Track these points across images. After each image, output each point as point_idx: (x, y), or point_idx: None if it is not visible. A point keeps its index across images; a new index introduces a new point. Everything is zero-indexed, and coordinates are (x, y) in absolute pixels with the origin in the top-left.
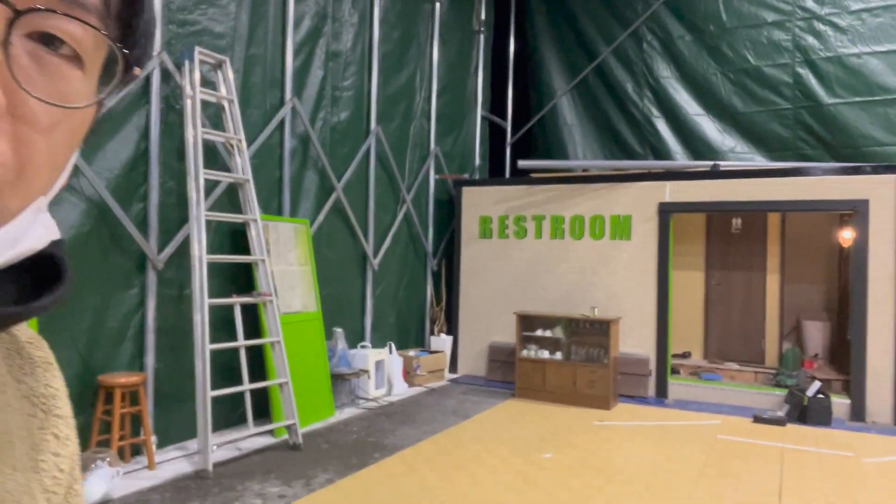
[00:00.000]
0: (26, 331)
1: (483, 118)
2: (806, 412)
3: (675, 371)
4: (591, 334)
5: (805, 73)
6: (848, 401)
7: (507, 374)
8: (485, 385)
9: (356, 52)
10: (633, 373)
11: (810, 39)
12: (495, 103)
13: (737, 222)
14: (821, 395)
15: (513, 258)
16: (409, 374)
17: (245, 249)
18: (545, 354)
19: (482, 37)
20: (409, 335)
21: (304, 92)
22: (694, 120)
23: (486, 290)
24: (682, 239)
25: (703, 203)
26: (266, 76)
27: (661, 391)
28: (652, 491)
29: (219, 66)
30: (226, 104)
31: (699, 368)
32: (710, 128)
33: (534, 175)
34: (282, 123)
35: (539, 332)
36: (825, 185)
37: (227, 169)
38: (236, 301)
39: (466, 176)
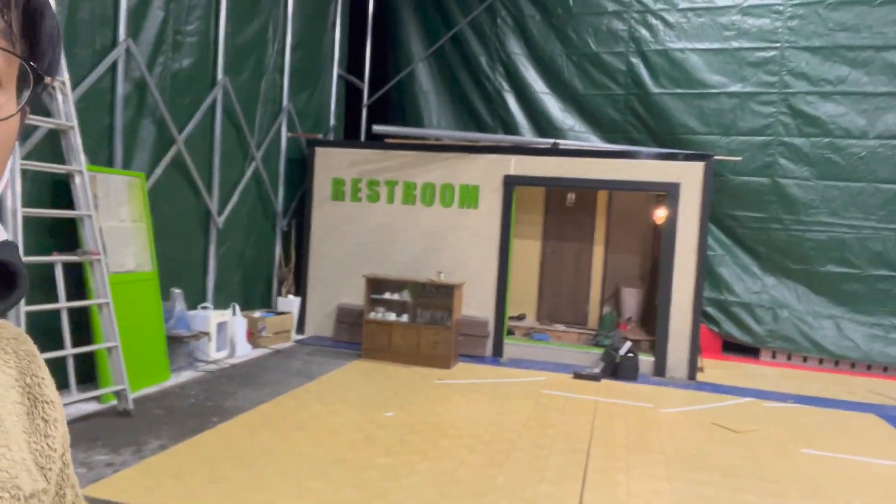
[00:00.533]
0: (11, 328)
1: (339, 77)
2: (618, 369)
3: (510, 332)
4: (436, 298)
5: (637, 62)
6: (653, 358)
7: (354, 336)
8: (332, 346)
9: None
10: (473, 334)
11: (643, 32)
12: (353, 63)
13: (571, 197)
14: (630, 354)
15: (365, 221)
16: (253, 336)
17: (69, 203)
18: (392, 317)
19: None
20: (255, 296)
21: (142, 34)
22: (540, 97)
23: (336, 253)
24: (524, 210)
25: (543, 178)
26: (95, 12)
27: (498, 351)
28: (482, 442)
29: None
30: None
31: (531, 329)
32: (553, 106)
33: (389, 140)
34: (114, 66)
35: (387, 295)
36: (646, 168)
37: (47, 113)
38: (57, 259)
39: (320, 136)
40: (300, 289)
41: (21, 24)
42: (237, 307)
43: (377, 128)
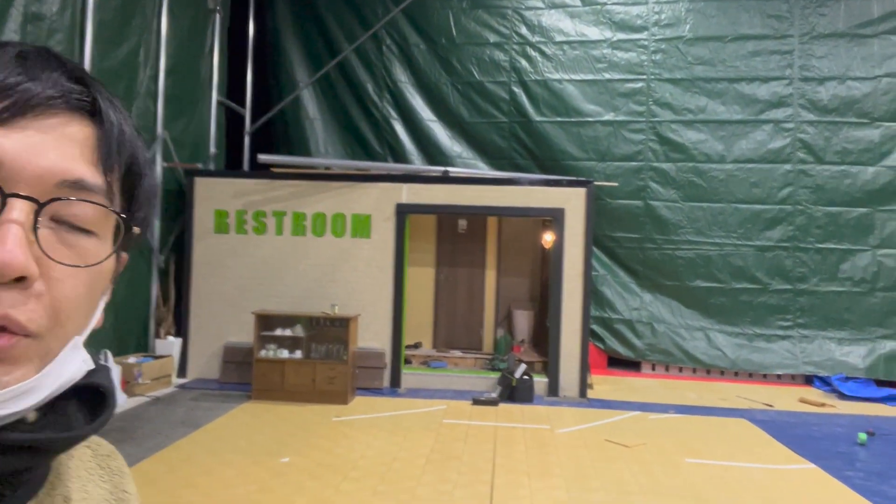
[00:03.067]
0: (105, 446)
1: (219, 104)
2: (514, 392)
3: (407, 361)
4: (331, 331)
5: (519, 91)
6: (546, 379)
7: (243, 376)
8: (218, 388)
9: (64, 17)
10: (370, 366)
11: (524, 62)
12: (235, 90)
13: (462, 223)
14: (526, 377)
15: (252, 255)
16: (129, 384)
17: None
18: (285, 354)
19: (218, 16)
20: (130, 340)
21: None
22: (428, 125)
23: (221, 288)
24: (416, 237)
25: (435, 205)
26: None
27: (395, 381)
28: (386, 482)
29: None
30: None
31: (428, 357)
32: (441, 134)
33: (275, 170)
34: None
35: (278, 332)
36: (532, 194)
37: None
38: None
39: (199, 165)
40: (181, 329)
41: (121, 183)
42: (109, 354)
43: (262, 157)
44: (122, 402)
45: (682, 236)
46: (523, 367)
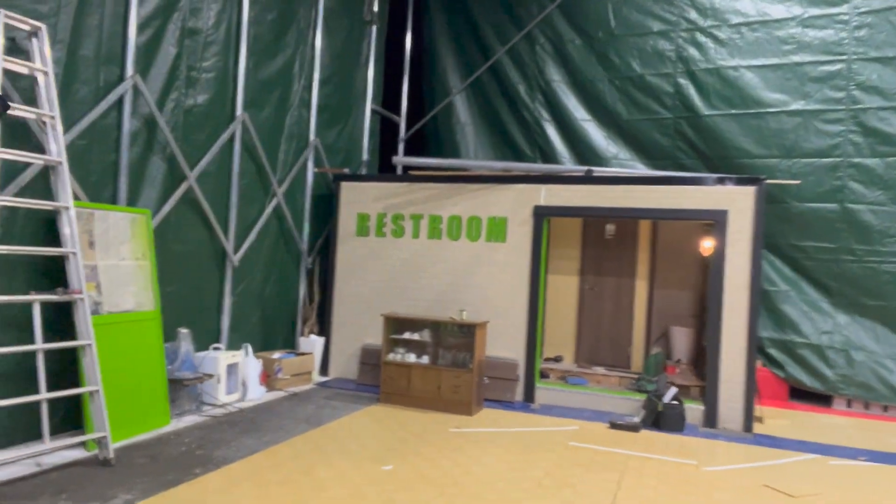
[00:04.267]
0: None
1: (374, 112)
2: (660, 418)
3: (545, 375)
4: (458, 338)
5: (685, 83)
6: (702, 407)
7: (377, 378)
8: (354, 389)
9: (220, 32)
10: (501, 377)
11: (692, 51)
12: (390, 98)
13: (610, 228)
14: (675, 402)
15: (389, 257)
16: (270, 378)
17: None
18: (412, 358)
19: (374, 28)
20: (276, 336)
21: (152, 70)
22: (581, 125)
23: (361, 290)
24: (560, 243)
25: (577, 208)
26: (100, 49)
27: (529, 396)
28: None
29: (34, 33)
30: (39, 76)
31: (568, 373)
32: (596, 134)
33: (413, 172)
34: (120, 103)
35: (407, 335)
36: (688, 194)
37: (42, 150)
38: (34, 299)
39: (346, 170)
40: (324, 328)
41: None
42: (249, 348)
43: (396, 158)
44: (260, 395)
45: (890, 247)
46: (673, 390)
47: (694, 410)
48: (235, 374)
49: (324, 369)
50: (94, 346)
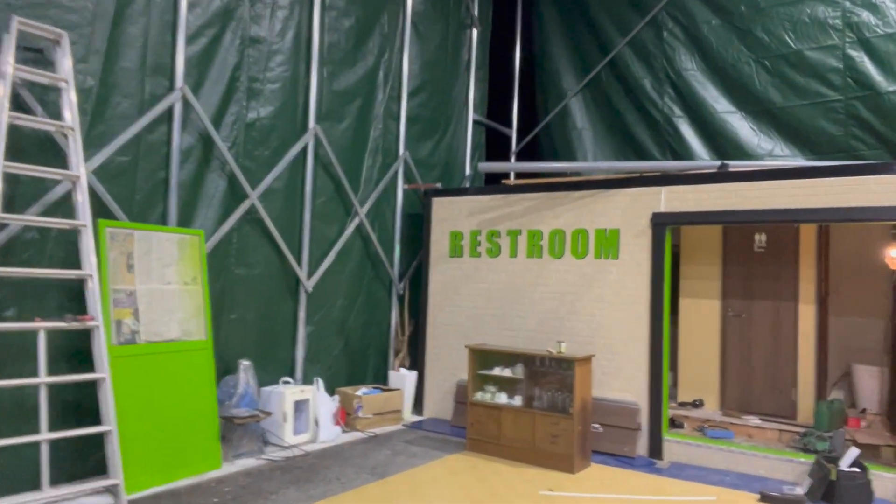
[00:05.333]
0: None
1: (477, 123)
2: (834, 490)
3: (678, 425)
4: (557, 376)
5: (858, 55)
6: None
7: None
8: (447, 432)
9: (286, 40)
10: (618, 425)
11: (864, 14)
12: (499, 108)
13: (760, 238)
14: (856, 469)
15: (484, 280)
16: (349, 417)
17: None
18: (503, 399)
19: (475, 31)
20: (365, 370)
21: (206, 82)
22: (723, 119)
23: (455, 318)
24: (694, 259)
25: (709, 213)
26: (145, 60)
27: (655, 450)
28: None
29: (56, 41)
30: (62, 87)
31: (708, 422)
32: (742, 127)
33: (506, 182)
34: (169, 117)
35: (497, 371)
36: (868, 187)
37: (65, 165)
38: (39, 326)
39: (438, 185)
40: (416, 361)
41: None
42: (321, 382)
43: (482, 165)
44: (333, 436)
45: None
46: (854, 452)
47: (885, 480)
48: (306, 412)
49: (418, 408)
50: (109, 380)
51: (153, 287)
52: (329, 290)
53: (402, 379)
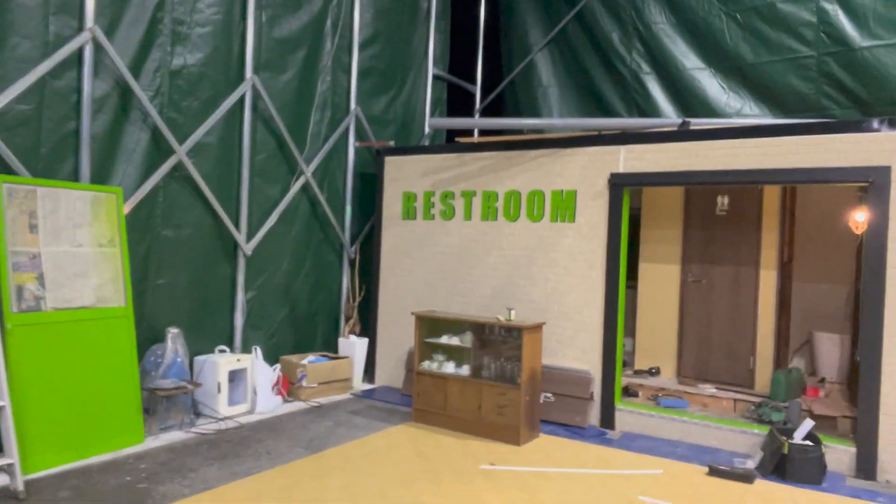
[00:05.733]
0: None
1: (438, 78)
2: (786, 463)
3: (632, 393)
4: (505, 344)
5: (832, 7)
6: (853, 449)
7: None
8: (397, 402)
9: None
10: (570, 395)
11: None
12: (462, 65)
13: (722, 201)
14: (808, 443)
15: (438, 244)
16: (293, 387)
17: None
18: (450, 368)
19: None
20: (313, 336)
21: (122, 23)
22: (692, 75)
23: (408, 284)
24: (654, 223)
25: (669, 173)
26: None
27: (607, 420)
28: None
29: None
30: None
31: (662, 391)
32: (711, 85)
33: (460, 140)
34: (79, 61)
35: (445, 339)
36: (833, 146)
37: None
38: None
39: (391, 143)
40: (369, 328)
41: None
42: (258, 350)
43: (431, 120)
44: (273, 407)
45: None
46: (809, 424)
47: (840, 453)
48: (243, 382)
49: (369, 375)
50: (1, 350)
51: (62, 249)
52: (272, 253)
53: (353, 346)
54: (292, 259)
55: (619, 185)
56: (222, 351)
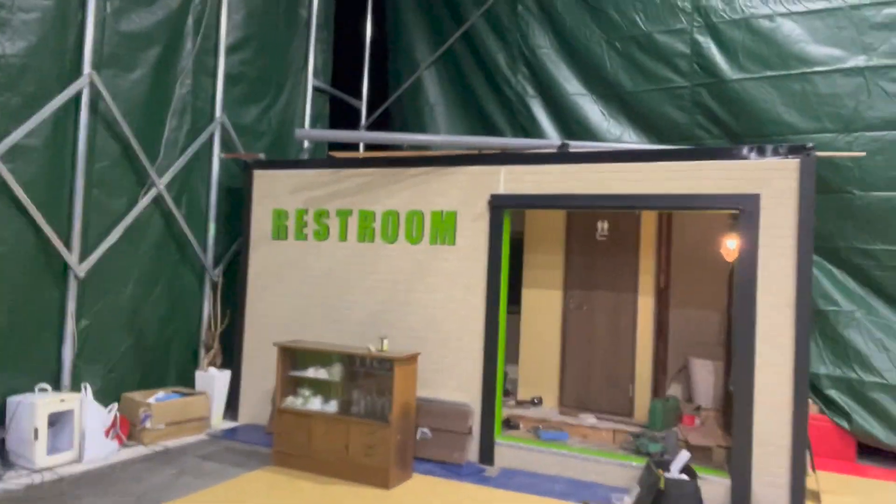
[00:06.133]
0: None
1: (319, 91)
2: (661, 499)
3: (513, 426)
4: (376, 377)
5: (705, 40)
6: (728, 481)
7: None
8: (260, 442)
9: None
10: (448, 429)
11: None
12: (349, 78)
13: (602, 226)
14: (683, 476)
15: (311, 267)
16: (134, 429)
17: None
18: (317, 404)
19: None
20: (165, 370)
21: None
22: (574, 101)
23: (277, 311)
24: (537, 247)
25: (548, 196)
26: None
27: (486, 456)
28: None
29: None
30: None
31: (544, 422)
32: (593, 111)
33: (334, 154)
34: None
35: (311, 373)
36: (703, 173)
37: None
38: None
39: (261, 156)
40: (231, 360)
41: None
42: (88, 388)
43: (299, 131)
44: (106, 453)
45: None
46: (685, 457)
47: (716, 486)
48: (69, 426)
49: (233, 412)
50: None
51: None
52: (114, 275)
53: (212, 380)
54: (140, 282)
55: (500, 206)
56: (43, 390)
